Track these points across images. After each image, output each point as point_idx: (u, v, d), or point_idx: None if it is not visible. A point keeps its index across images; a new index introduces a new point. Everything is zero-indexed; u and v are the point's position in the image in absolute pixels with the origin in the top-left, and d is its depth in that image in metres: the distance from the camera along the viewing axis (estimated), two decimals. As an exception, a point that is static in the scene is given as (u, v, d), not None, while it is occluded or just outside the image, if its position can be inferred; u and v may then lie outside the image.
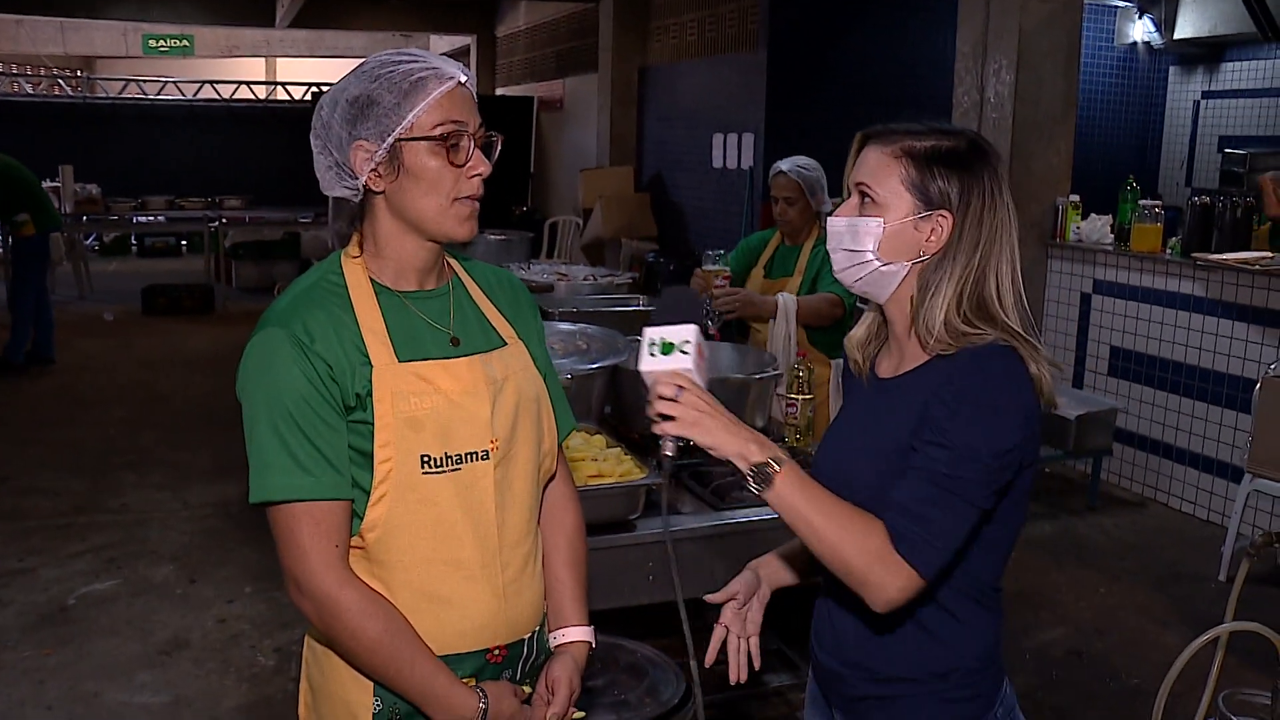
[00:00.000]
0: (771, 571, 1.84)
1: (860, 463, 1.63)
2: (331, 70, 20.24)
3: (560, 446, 1.82)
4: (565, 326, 3.56)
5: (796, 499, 1.49)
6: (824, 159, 4.12)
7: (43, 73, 21.18)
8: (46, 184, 11.67)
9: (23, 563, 4.75)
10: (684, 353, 1.52)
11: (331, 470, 1.52)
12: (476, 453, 1.60)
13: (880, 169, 1.60)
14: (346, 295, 1.59)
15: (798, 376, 3.31)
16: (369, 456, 1.55)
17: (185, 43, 18.91)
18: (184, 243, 15.74)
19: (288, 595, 1.58)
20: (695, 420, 1.49)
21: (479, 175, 1.58)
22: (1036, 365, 1.55)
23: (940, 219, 1.58)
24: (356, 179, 1.58)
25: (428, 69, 1.55)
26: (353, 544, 1.58)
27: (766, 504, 1.51)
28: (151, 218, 12.46)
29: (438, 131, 1.54)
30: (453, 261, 1.74)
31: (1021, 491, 1.59)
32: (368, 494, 1.56)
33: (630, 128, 11.74)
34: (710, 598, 1.80)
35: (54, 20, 18.17)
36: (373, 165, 1.56)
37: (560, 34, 13.77)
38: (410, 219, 1.59)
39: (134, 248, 15.83)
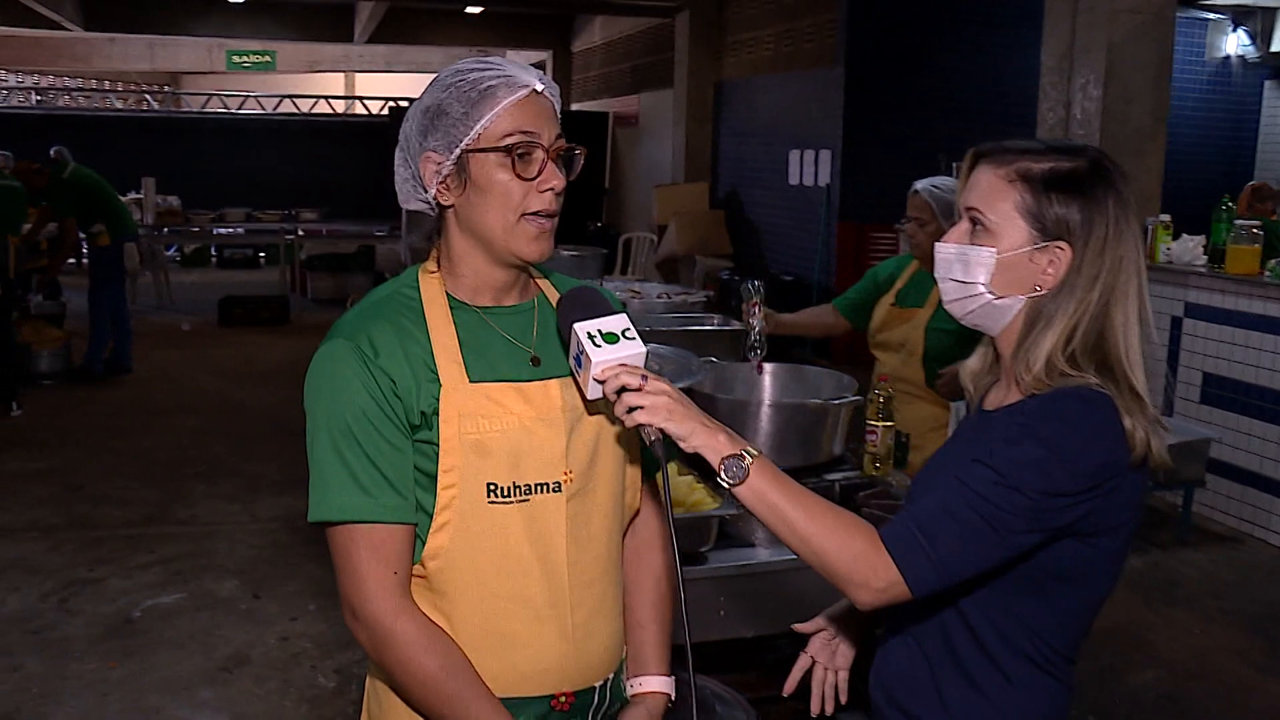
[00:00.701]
0: None
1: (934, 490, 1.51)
2: (409, 85, 20.48)
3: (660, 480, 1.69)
4: (637, 347, 3.45)
5: (772, 493, 1.39)
6: (902, 177, 3.96)
7: (131, 88, 21.67)
8: (130, 195, 11.95)
9: (93, 572, 4.76)
10: (631, 339, 1.41)
11: (392, 492, 1.43)
12: (548, 484, 1.49)
13: (993, 193, 1.46)
14: (420, 310, 1.51)
15: (879, 402, 3.17)
16: (433, 479, 1.46)
17: (267, 58, 19.23)
18: (261, 254, 15.96)
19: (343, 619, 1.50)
20: (667, 407, 1.38)
21: (550, 190, 1.47)
22: (1132, 419, 1.39)
23: (1058, 250, 1.43)
24: (428, 191, 1.51)
25: (499, 77, 1.46)
26: (414, 572, 1.49)
27: (738, 499, 1.41)
28: (230, 229, 12.64)
29: (505, 142, 1.44)
30: (540, 279, 1.64)
31: (1107, 556, 1.45)
32: (431, 518, 1.47)
33: (705, 143, 11.65)
34: (799, 627, 1.71)
35: (143, 38, 18.59)
36: (440, 178, 1.48)
37: (636, 49, 13.74)
38: (479, 235, 1.49)
39: (213, 259, 16.08)
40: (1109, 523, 1.41)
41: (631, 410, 1.38)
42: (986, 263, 1.45)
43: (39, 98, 19.22)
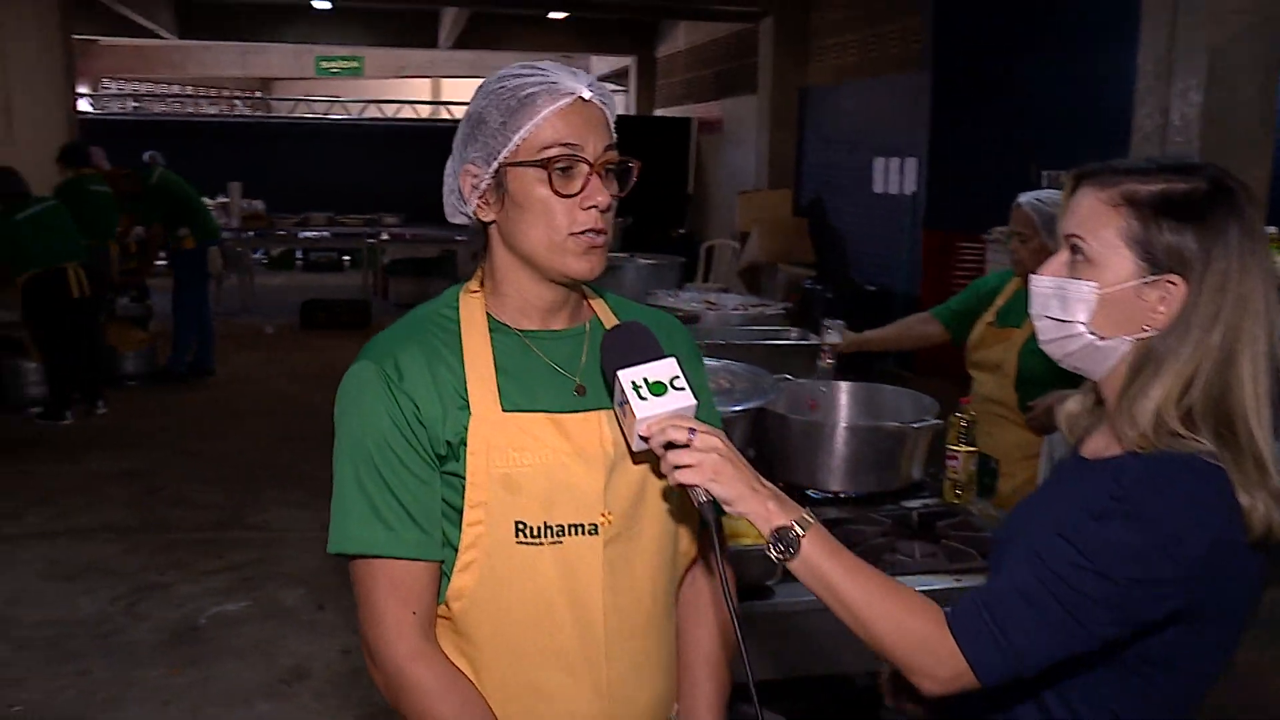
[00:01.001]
0: None
1: (1019, 545, 1.35)
2: (494, 91, 20.55)
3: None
4: (709, 362, 3.30)
5: (826, 569, 1.26)
6: (990, 186, 3.77)
7: (223, 94, 22.13)
8: (217, 199, 12.14)
9: (163, 576, 4.76)
10: (680, 388, 1.29)
11: (414, 526, 1.33)
12: (582, 526, 1.37)
13: (1095, 218, 1.29)
14: (456, 332, 1.40)
15: (961, 426, 2.99)
16: (460, 514, 1.35)
17: (355, 64, 19.46)
18: (346, 258, 16.13)
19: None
20: (714, 467, 1.25)
21: (594, 207, 1.34)
22: (1252, 495, 1.20)
23: (1169, 285, 1.25)
24: (467, 205, 1.40)
25: (541, 83, 1.33)
26: (439, 612, 1.39)
27: (793, 574, 1.28)
28: (315, 233, 12.77)
29: (544, 155, 1.32)
30: (595, 300, 1.51)
31: (1213, 644, 1.27)
32: (456, 554, 1.36)
33: (789, 150, 11.48)
34: None
35: (235, 44, 18.96)
36: (479, 192, 1.37)
37: (720, 54, 13.62)
38: (522, 253, 1.38)
39: (299, 262, 16.29)
40: (1216, 609, 1.23)
41: (677, 468, 1.25)
42: (1087, 298, 1.29)
43: (135, 104, 19.71)
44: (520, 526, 1.35)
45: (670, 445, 1.26)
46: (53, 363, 7.21)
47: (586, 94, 1.35)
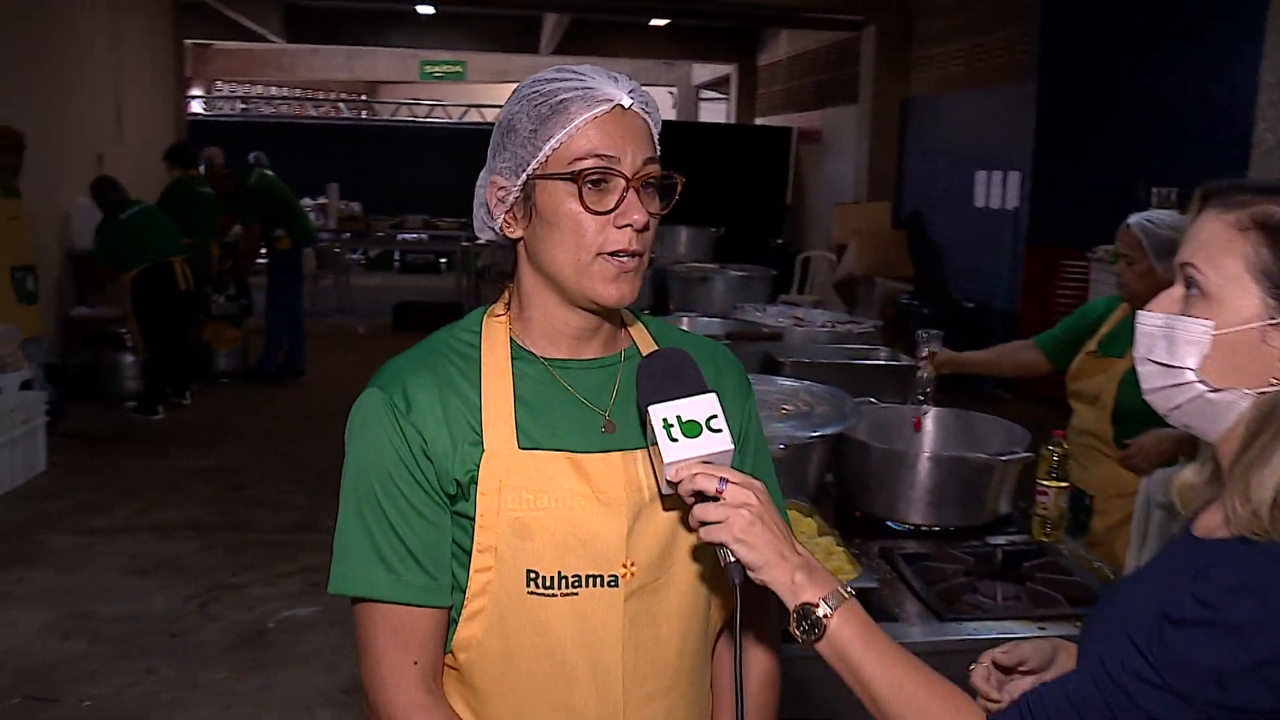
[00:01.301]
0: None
1: (1114, 626, 1.14)
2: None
3: None
4: (786, 383, 3.16)
5: (855, 655, 1.12)
6: (1096, 203, 3.55)
7: (331, 97, 22.57)
8: (318, 200, 12.32)
9: (236, 578, 4.77)
10: (716, 430, 1.15)
11: (418, 569, 1.23)
12: (601, 577, 1.24)
13: (1216, 244, 1.08)
14: (476, 359, 1.29)
15: (1052, 460, 2.80)
16: (470, 555, 1.24)
17: (458, 68, 19.68)
18: (443, 260, 16.26)
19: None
20: (744, 528, 1.10)
21: (629, 226, 1.20)
22: None
23: None
24: (494, 220, 1.29)
25: (576, 89, 1.21)
26: (446, 661, 1.28)
27: (824, 649, 1.13)
28: (411, 235, 12.87)
29: (575, 167, 1.20)
30: (635, 328, 1.38)
31: None
32: (464, 600, 1.25)
33: (889, 162, 11.24)
34: (995, 653, 1.34)
35: (342, 48, 19.30)
36: (506, 206, 1.26)
37: (821, 64, 13.42)
38: (548, 274, 1.26)
39: (396, 264, 16.46)
40: None
41: (704, 524, 1.13)
42: (1199, 340, 1.08)
43: (244, 106, 20.18)
44: (532, 575, 1.23)
45: (699, 495, 1.13)
46: (154, 356, 7.35)
47: (626, 101, 1.22)
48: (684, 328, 4.58)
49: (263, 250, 9.01)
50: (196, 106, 18.75)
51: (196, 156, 8.35)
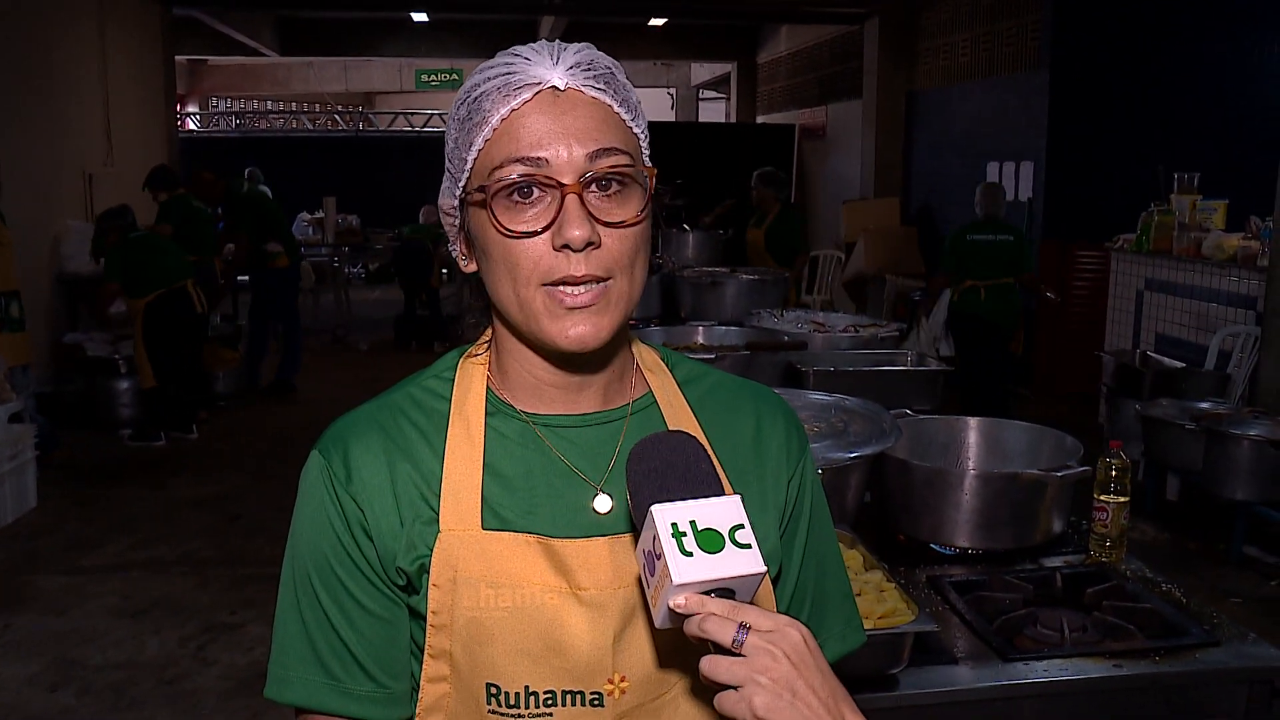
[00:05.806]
0: None
1: None
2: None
3: None
4: (819, 398, 2.90)
5: None
6: (1113, 191, 3.30)
7: (327, 109, 22.38)
8: (315, 214, 12.09)
9: (234, 616, 4.52)
10: (743, 546, 0.84)
11: (363, 677, 1.00)
12: (581, 694, 0.97)
13: None
14: (444, 415, 1.03)
15: (1110, 473, 2.55)
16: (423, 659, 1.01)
17: (455, 76, 19.46)
18: (444, 271, 15.99)
19: None
20: (769, 703, 0.81)
21: (566, 248, 0.92)
22: None
23: None
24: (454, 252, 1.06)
25: (494, 78, 0.95)
26: None
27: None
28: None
29: (491, 180, 0.94)
30: (654, 372, 1.09)
31: None
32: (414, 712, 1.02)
33: (896, 156, 10.99)
34: None
35: (337, 60, 19.12)
36: (456, 234, 1.03)
37: (823, 59, 13.18)
38: (501, 316, 1.01)
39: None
40: None
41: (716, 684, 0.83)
42: None
43: (238, 121, 19.98)
44: (492, 691, 0.97)
45: (712, 644, 0.84)
46: (162, 385, 7.06)
47: (560, 81, 0.94)
48: (700, 340, 4.22)
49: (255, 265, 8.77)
50: (191, 124, 18.55)
51: (177, 177, 8.08)
